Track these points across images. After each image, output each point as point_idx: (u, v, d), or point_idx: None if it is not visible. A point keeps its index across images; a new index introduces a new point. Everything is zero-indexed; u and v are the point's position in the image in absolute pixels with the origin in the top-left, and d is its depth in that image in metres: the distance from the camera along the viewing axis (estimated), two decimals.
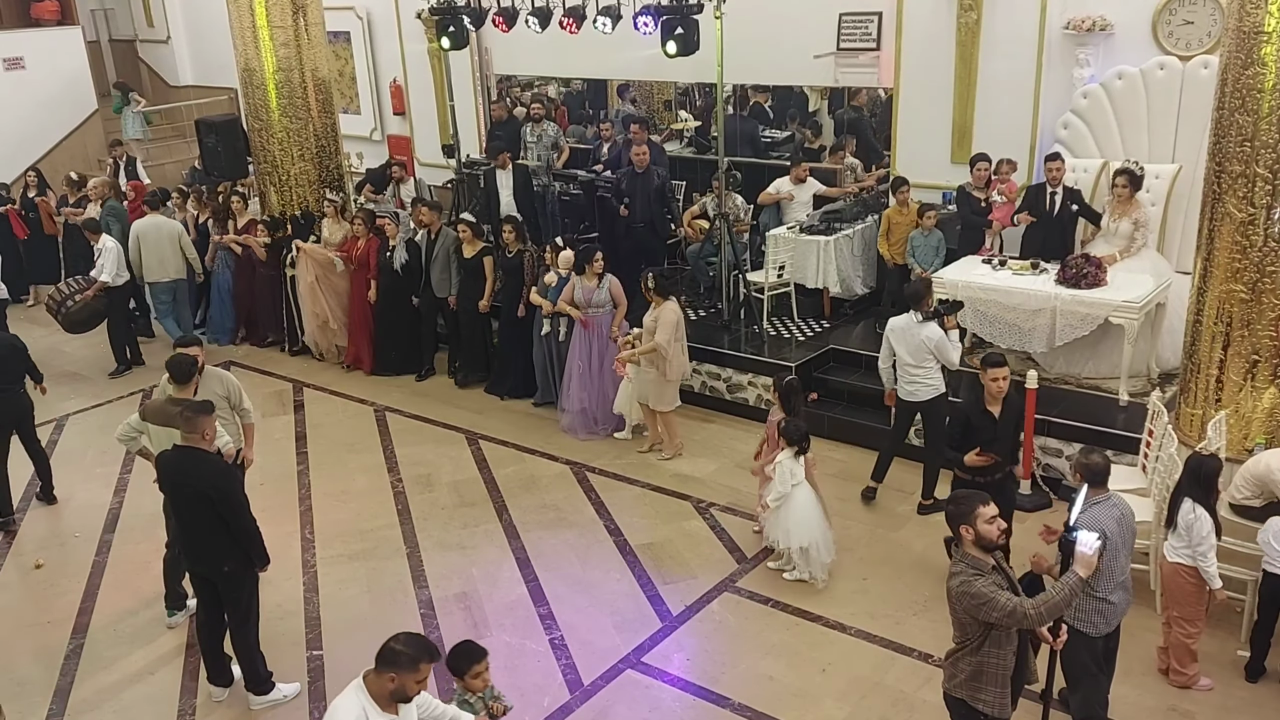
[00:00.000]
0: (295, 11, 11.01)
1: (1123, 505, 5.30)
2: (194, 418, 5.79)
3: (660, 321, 8.43)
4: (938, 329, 7.42)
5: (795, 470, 6.90)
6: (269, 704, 6.16)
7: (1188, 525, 5.67)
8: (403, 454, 9.25)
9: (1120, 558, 5.22)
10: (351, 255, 10.84)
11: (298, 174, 11.53)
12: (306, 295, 11.11)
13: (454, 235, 10.27)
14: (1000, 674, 4.50)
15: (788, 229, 10.30)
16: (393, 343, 10.92)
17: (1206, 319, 6.66)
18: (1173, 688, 5.96)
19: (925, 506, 7.88)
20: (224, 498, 5.79)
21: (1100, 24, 9.20)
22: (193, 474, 5.82)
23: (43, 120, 16.31)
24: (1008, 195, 9.37)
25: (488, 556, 7.62)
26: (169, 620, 6.96)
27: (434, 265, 10.38)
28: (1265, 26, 6.00)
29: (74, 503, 8.70)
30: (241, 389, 7.14)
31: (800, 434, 6.90)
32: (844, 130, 12.31)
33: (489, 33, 11.45)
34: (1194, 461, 5.79)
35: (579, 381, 9.23)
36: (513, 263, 9.90)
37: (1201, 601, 5.82)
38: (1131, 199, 8.48)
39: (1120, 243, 8.45)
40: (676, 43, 9.33)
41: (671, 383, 8.67)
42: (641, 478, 8.62)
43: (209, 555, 6.00)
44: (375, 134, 15.59)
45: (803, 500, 6.96)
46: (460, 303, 10.33)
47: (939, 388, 7.64)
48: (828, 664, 6.30)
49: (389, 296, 10.70)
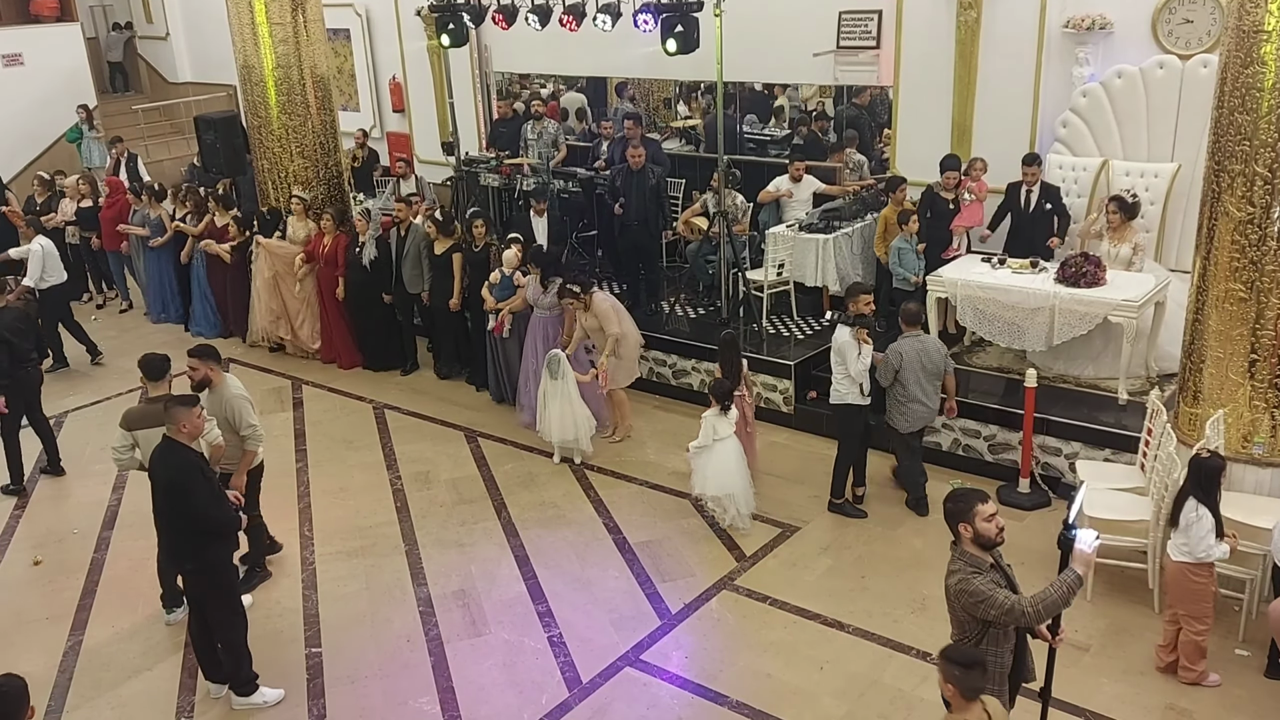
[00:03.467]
0: (294, 8, 11.00)
1: (929, 342, 7.48)
2: (173, 409, 5.73)
3: (601, 316, 8.69)
4: (846, 332, 7.49)
5: (718, 426, 7.44)
6: (249, 706, 6.13)
7: (1188, 524, 5.68)
8: (401, 451, 9.25)
9: (918, 377, 7.38)
10: (316, 252, 10.89)
11: (296, 171, 11.52)
12: (263, 290, 11.27)
13: (424, 231, 10.35)
14: (998, 672, 4.49)
15: (787, 227, 10.30)
16: (370, 339, 11.00)
17: (1206, 318, 6.66)
18: (1168, 686, 5.95)
19: (835, 505, 7.91)
20: (179, 490, 5.65)
21: (1100, 23, 9.20)
22: (160, 465, 5.76)
23: (42, 117, 16.30)
24: (977, 195, 9.35)
25: (486, 554, 7.62)
26: (167, 618, 6.96)
27: (405, 261, 10.47)
28: (1265, 25, 5.99)
29: (72, 499, 8.70)
30: (243, 409, 6.81)
31: (723, 392, 7.47)
32: (844, 127, 12.30)
33: (488, 30, 11.45)
34: (1196, 462, 5.79)
35: (535, 379, 9.30)
36: (479, 256, 9.97)
37: (1209, 599, 5.84)
38: (1125, 225, 8.48)
39: (1119, 267, 8.43)
40: (676, 40, 9.33)
41: (627, 360, 8.92)
42: (640, 475, 8.62)
43: (174, 552, 5.99)
44: (375, 131, 15.58)
45: (724, 453, 7.49)
46: (434, 299, 10.40)
47: (844, 398, 7.64)
48: (826, 662, 6.30)
49: (359, 293, 10.77)
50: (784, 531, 7.72)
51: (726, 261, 10.02)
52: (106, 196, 12.98)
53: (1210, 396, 6.72)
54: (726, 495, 7.58)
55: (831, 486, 7.91)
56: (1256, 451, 6.56)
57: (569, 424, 8.62)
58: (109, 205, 12.84)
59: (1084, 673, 6.04)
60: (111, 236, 12.78)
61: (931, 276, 8.79)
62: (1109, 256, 8.39)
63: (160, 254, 12.46)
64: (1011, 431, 8.07)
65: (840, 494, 7.90)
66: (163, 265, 12.51)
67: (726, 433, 7.48)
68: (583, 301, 8.73)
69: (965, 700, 4.05)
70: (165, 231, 12.23)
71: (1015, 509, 7.69)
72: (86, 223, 13.05)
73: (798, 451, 8.92)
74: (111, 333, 12.44)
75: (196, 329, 12.27)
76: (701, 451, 7.58)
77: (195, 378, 6.81)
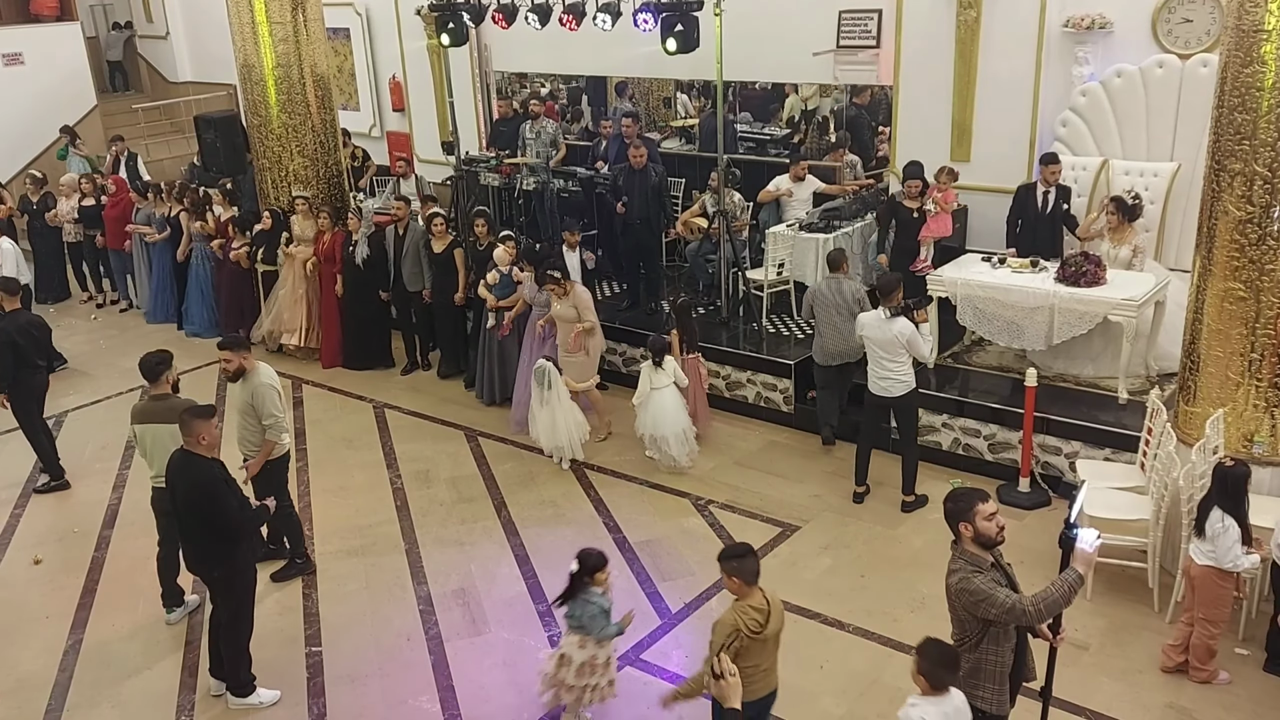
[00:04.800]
0: (294, 7, 10.99)
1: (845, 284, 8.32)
2: (189, 421, 5.77)
3: (580, 304, 8.83)
4: (908, 324, 7.46)
5: (653, 377, 8.48)
6: (245, 707, 6.14)
7: (1215, 534, 5.68)
8: (401, 450, 9.25)
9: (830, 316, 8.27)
10: (317, 249, 10.93)
11: (296, 170, 11.52)
12: (288, 298, 11.17)
13: (422, 229, 10.34)
14: (998, 671, 4.50)
15: (787, 226, 10.30)
16: (361, 337, 10.99)
17: (1205, 317, 6.66)
18: (1168, 685, 5.96)
19: (908, 504, 7.89)
20: (205, 502, 5.72)
21: (1099, 22, 9.20)
22: (182, 476, 5.80)
23: (41, 116, 16.29)
24: (942, 206, 9.32)
25: (486, 553, 7.62)
26: (168, 618, 6.96)
27: (405, 260, 10.48)
28: (1265, 24, 5.99)
29: (73, 498, 8.70)
30: (269, 398, 6.83)
31: (657, 347, 8.48)
32: (843, 126, 12.31)
33: (488, 29, 11.44)
34: (1220, 470, 5.79)
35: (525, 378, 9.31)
36: (484, 255, 9.97)
37: (1229, 603, 5.86)
38: (1124, 226, 8.48)
39: (1118, 268, 8.43)
40: (676, 40, 9.32)
41: (594, 359, 9.07)
42: (640, 475, 8.62)
43: (200, 559, 6.02)
44: (374, 130, 15.59)
45: (660, 401, 8.49)
46: (435, 297, 10.40)
47: (910, 383, 7.67)
48: (825, 661, 6.30)
49: (353, 291, 10.78)
50: (784, 531, 7.72)
51: (726, 261, 10.02)
52: (111, 195, 12.97)
53: (1210, 396, 6.72)
54: (661, 437, 8.46)
55: (905, 483, 7.89)
56: (1256, 451, 6.56)
57: (561, 431, 8.65)
58: (113, 204, 12.84)
59: (1084, 672, 6.05)
60: (116, 235, 12.79)
61: (931, 276, 8.80)
62: (1108, 258, 8.39)
63: (162, 252, 12.47)
64: (1011, 431, 8.08)
65: (910, 490, 7.89)
66: (164, 264, 12.51)
67: (662, 384, 8.47)
68: (562, 287, 8.81)
69: (747, 587, 4.72)
70: (167, 229, 12.25)
71: (1015, 508, 7.69)
72: (89, 221, 13.06)
73: (798, 451, 8.92)
74: (112, 332, 12.45)
75: (191, 328, 12.23)
76: (643, 400, 8.55)
77: (230, 369, 6.90)
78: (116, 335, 12.25)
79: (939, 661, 4.23)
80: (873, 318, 7.62)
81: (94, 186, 13.16)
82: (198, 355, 11.43)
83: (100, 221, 12.94)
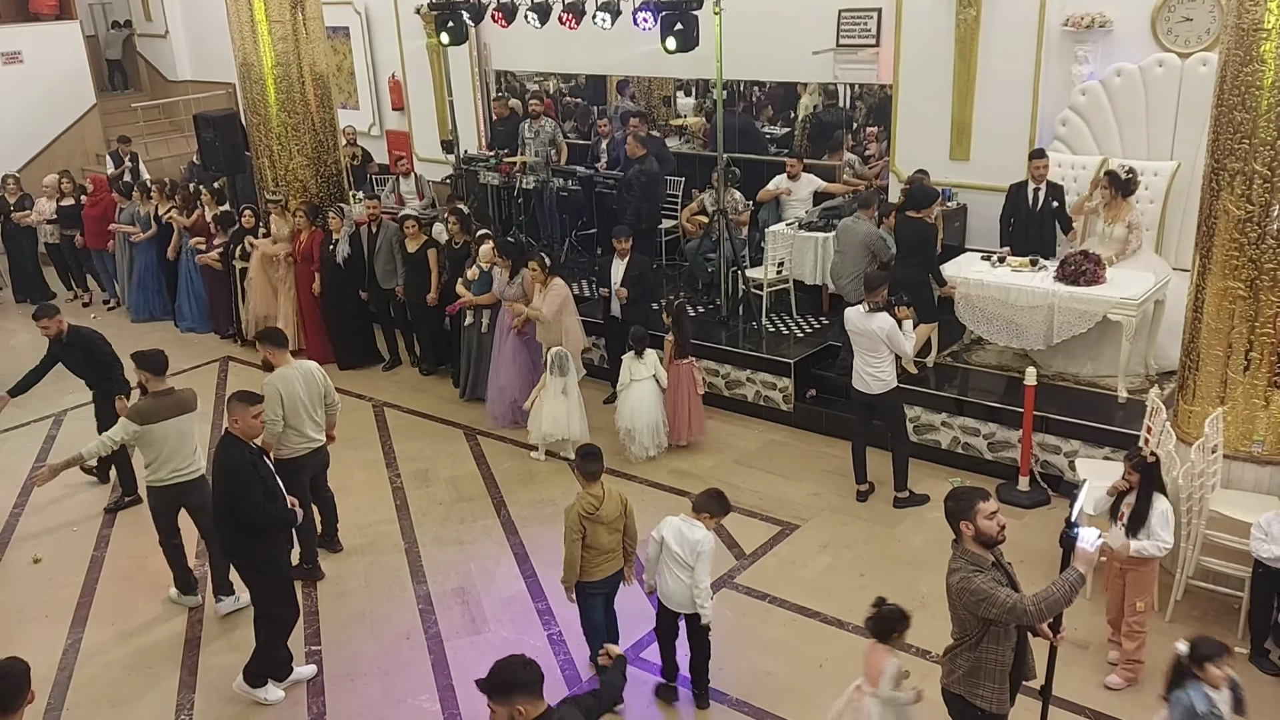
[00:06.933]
0: (293, 6, 10.98)
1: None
2: (230, 402, 5.87)
3: (549, 297, 8.92)
4: (888, 319, 7.45)
5: (633, 368, 8.57)
6: (249, 696, 6.16)
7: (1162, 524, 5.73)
8: (401, 449, 9.25)
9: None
10: (294, 249, 10.93)
11: (295, 169, 11.52)
12: (257, 293, 11.22)
13: (395, 227, 10.35)
14: (999, 670, 4.50)
15: (786, 225, 10.30)
16: (347, 337, 11.02)
17: (1205, 316, 6.66)
18: None
19: (900, 500, 7.89)
20: (231, 486, 5.75)
21: (1099, 21, 9.20)
22: (217, 457, 5.89)
23: (41, 115, 16.29)
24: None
25: (486, 552, 7.62)
26: (216, 607, 7.02)
27: (377, 258, 10.54)
28: (1265, 23, 5.99)
29: (73, 497, 8.69)
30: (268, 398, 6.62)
31: (636, 339, 8.57)
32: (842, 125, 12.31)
33: (488, 28, 11.45)
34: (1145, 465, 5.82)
35: (502, 371, 9.34)
36: (459, 253, 9.98)
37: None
38: (1118, 202, 8.46)
39: (1115, 245, 8.43)
40: (676, 38, 9.33)
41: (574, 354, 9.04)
42: (639, 474, 8.62)
43: (226, 548, 6.15)
44: (374, 129, 15.58)
45: (638, 393, 8.58)
46: (409, 296, 10.44)
47: (890, 382, 7.66)
48: (825, 659, 6.30)
49: (333, 290, 10.79)
50: (783, 530, 7.72)
51: (726, 259, 10.02)
52: (90, 194, 12.99)
53: (1209, 394, 6.72)
54: (635, 428, 8.61)
55: (896, 480, 7.89)
56: (1256, 449, 6.56)
57: (562, 422, 8.67)
58: (93, 204, 12.87)
59: (1084, 671, 6.05)
60: (96, 235, 12.81)
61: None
62: (1104, 235, 8.38)
63: (145, 250, 12.49)
64: (1011, 429, 8.08)
65: (903, 486, 7.89)
66: (148, 262, 12.55)
67: (642, 375, 8.58)
68: (544, 273, 8.88)
69: (587, 481, 5.69)
70: (152, 227, 12.28)
71: (1015, 507, 7.69)
72: (68, 221, 13.07)
73: (797, 450, 8.92)
74: (111, 331, 12.30)
75: (185, 325, 12.36)
76: (622, 390, 8.70)
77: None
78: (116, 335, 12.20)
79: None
80: (855, 312, 7.64)
81: (73, 186, 13.21)
82: (195, 352, 11.46)
83: (79, 221, 12.96)
